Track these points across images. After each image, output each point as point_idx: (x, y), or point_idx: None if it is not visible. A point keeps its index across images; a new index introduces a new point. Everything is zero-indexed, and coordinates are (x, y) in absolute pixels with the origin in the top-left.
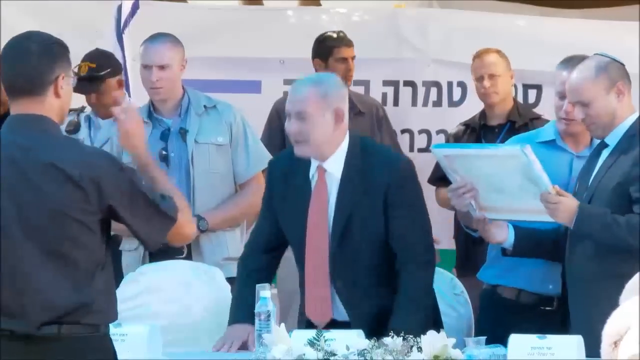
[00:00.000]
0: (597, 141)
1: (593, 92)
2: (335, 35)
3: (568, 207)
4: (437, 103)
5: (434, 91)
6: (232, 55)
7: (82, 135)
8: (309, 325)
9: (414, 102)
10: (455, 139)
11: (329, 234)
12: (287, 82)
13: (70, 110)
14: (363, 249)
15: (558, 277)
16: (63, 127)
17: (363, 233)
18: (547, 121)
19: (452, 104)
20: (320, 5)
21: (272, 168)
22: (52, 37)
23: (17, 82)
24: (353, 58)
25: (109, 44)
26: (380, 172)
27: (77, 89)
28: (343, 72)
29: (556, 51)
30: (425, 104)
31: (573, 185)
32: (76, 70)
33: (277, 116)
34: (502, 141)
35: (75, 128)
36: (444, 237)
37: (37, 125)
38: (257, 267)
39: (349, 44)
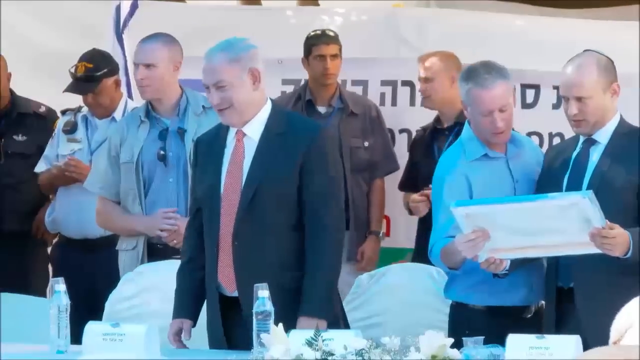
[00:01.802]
0: (519, 140)
1: (593, 90)
2: (315, 33)
3: (624, 239)
4: None
5: None
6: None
7: (79, 135)
8: (221, 298)
9: (412, 102)
10: (415, 144)
11: (240, 195)
12: (286, 82)
13: (67, 110)
14: (271, 213)
15: (526, 287)
16: (60, 126)
17: (274, 197)
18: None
19: None
20: (318, 5)
21: (197, 144)
22: None
23: None
24: (334, 56)
25: (107, 44)
26: (301, 137)
27: (74, 89)
28: (320, 69)
29: (554, 51)
30: (423, 103)
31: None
32: (73, 70)
33: None
34: (451, 143)
35: (72, 128)
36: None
37: None
38: (195, 254)
39: (328, 41)
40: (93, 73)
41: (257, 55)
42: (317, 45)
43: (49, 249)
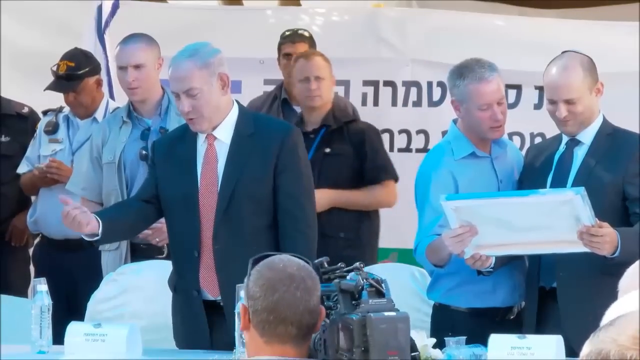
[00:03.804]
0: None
1: (581, 91)
2: (286, 33)
3: (612, 238)
4: (417, 103)
5: (414, 91)
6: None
7: (61, 135)
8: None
9: (394, 102)
10: None
11: (217, 198)
12: (268, 82)
13: (49, 110)
14: (248, 214)
15: (510, 288)
16: (42, 127)
17: (250, 197)
18: (365, 123)
19: (432, 104)
20: (300, 5)
21: (155, 147)
22: None
23: None
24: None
25: (86, 44)
26: (272, 137)
27: (56, 87)
28: (285, 68)
29: (535, 51)
30: (405, 104)
31: (501, 188)
32: (55, 68)
33: None
34: (319, 146)
35: (53, 128)
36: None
37: None
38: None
39: (295, 39)
40: (75, 72)
41: (224, 59)
42: (284, 44)
43: (31, 250)
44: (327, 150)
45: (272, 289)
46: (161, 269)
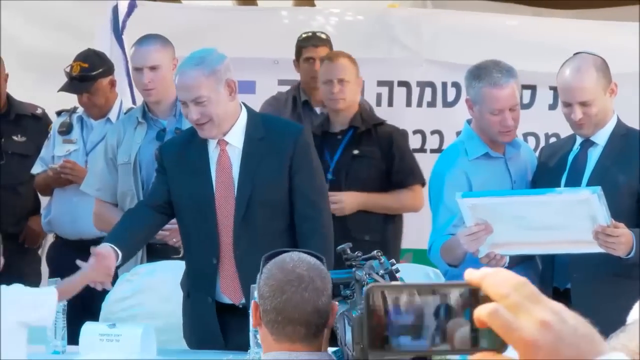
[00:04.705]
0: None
1: (595, 92)
2: (305, 35)
3: (628, 238)
4: (432, 103)
5: (428, 91)
6: (226, 55)
7: (75, 136)
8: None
9: (409, 103)
10: None
11: (234, 205)
12: (282, 82)
13: (63, 111)
14: (265, 218)
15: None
16: (56, 127)
17: (267, 202)
18: (393, 126)
19: (447, 104)
20: (314, 5)
21: (164, 152)
22: None
23: None
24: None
25: (99, 45)
26: (284, 139)
27: (70, 88)
28: (309, 72)
29: (550, 52)
30: (419, 104)
31: (515, 189)
32: (68, 69)
33: None
34: (347, 147)
35: (67, 129)
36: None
37: None
38: (144, 211)
39: (317, 43)
40: (88, 73)
41: (230, 65)
42: (306, 47)
43: (41, 250)
44: (356, 152)
45: (280, 290)
46: (176, 269)
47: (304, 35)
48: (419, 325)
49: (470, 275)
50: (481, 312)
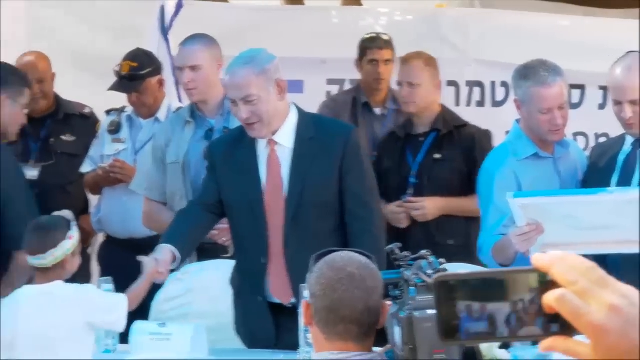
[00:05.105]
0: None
1: None
2: (370, 36)
3: None
4: (481, 103)
5: (477, 91)
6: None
7: (124, 135)
8: (271, 306)
9: (458, 102)
10: (382, 147)
11: (284, 205)
12: (330, 81)
13: (112, 110)
14: (315, 219)
15: None
16: (105, 126)
17: (317, 202)
18: (476, 127)
19: (496, 104)
20: (361, 5)
21: (212, 150)
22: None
23: None
24: (387, 61)
25: (148, 44)
26: (335, 139)
27: (119, 87)
28: (372, 74)
29: (599, 52)
30: (468, 104)
31: (564, 188)
32: (118, 69)
33: None
34: (429, 150)
35: (116, 128)
36: None
37: None
38: (197, 210)
39: (381, 46)
40: (137, 72)
41: (279, 65)
42: (370, 49)
43: (89, 249)
44: (437, 156)
45: (331, 289)
46: (226, 268)
47: (367, 36)
48: (488, 313)
49: (538, 260)
50: (550, 298)
